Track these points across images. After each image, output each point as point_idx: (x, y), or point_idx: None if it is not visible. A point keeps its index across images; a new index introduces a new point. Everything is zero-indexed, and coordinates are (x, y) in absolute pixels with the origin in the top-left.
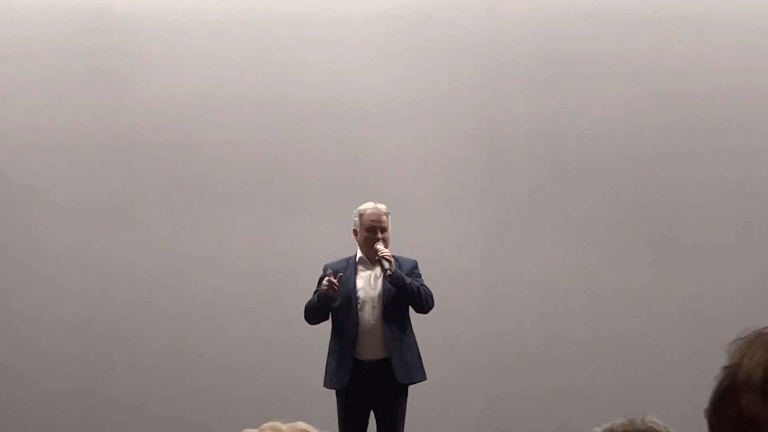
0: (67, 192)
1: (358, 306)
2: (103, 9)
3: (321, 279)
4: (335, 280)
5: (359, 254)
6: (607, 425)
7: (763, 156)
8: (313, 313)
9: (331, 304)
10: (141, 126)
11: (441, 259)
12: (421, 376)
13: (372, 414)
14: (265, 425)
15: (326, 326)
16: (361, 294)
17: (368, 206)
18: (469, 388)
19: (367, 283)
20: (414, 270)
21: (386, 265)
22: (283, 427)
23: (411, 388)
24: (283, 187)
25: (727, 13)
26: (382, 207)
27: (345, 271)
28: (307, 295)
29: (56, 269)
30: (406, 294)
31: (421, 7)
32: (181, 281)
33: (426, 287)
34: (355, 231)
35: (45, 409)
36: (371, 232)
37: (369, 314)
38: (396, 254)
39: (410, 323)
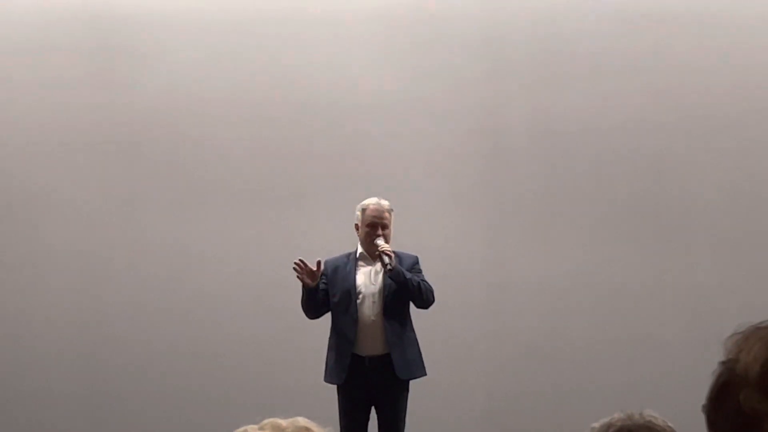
0: (68, 190)
1: (358, 301)
2: (104, 6)
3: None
4: (304, 266)
5: (360, 250)
6: (606, 420)
7: (764, 152)
8: (305, 307)
9: (318, 296)
10: (141, 124)
11: (442, 255)
12: (421, 372)
13: (373, 410)
14: (266, 421)
15: (327, 322)
16: (361, 289)
17: (371, 202)
18: (470, 384)
19: (368, 278)
20: (415, 266)
21: (386, 260)
22: (284, 423)
23: (411, 383)
24: (284, 184)
25: (729, 8)
26: (385, 203)
27: (345, 266)
28: None
29: (57, 267)
30: (406, 289)
31: (422, 3)
32: (182, 278)
33: (426, 282)
34: (356, 226)
35: (46, 408)
36: (372, 228)
37: (369, 310)
38: (397, 250)
39: (410, 319)
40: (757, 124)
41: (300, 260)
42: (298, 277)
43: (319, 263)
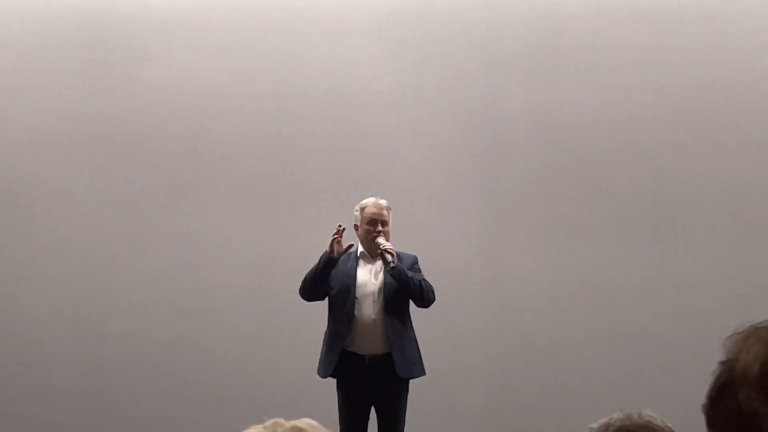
0: (68, 186)
1: (357, 300)
2: (104, 2)
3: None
4: (340, 236)
5: (360, 249)
6: (605, 420)
7: (764, 148)
8: (311, 282)
9: (329, 285)
10: (141, 119)
11: (441, 252)
12: (420, 371)
13: (373, 409)
14: (269, 422)
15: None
16: (361, 288)
17: (369, 201)
18: (469, 383)
19: (368, 277)
20: (414, 265)
21: (388, 258)
22: (286, 423)
23: (411, 383)
24: (283, 181)
25: (729, 4)
26: (383, 202)
27: (346, 263)
28: None
29: (57, 263)
30: (408, 288)
31: (421, 0)
32: (182, 275)
33: (427, 281)
34: (356, 226)
35: (46, 404)
36: (372, 225)
37: (370, 308)
38: (396, 249)
39: (410, 318)
40: (757, 121)
41: (342, 227)
42: (332, 242)
43: (351, 245)
